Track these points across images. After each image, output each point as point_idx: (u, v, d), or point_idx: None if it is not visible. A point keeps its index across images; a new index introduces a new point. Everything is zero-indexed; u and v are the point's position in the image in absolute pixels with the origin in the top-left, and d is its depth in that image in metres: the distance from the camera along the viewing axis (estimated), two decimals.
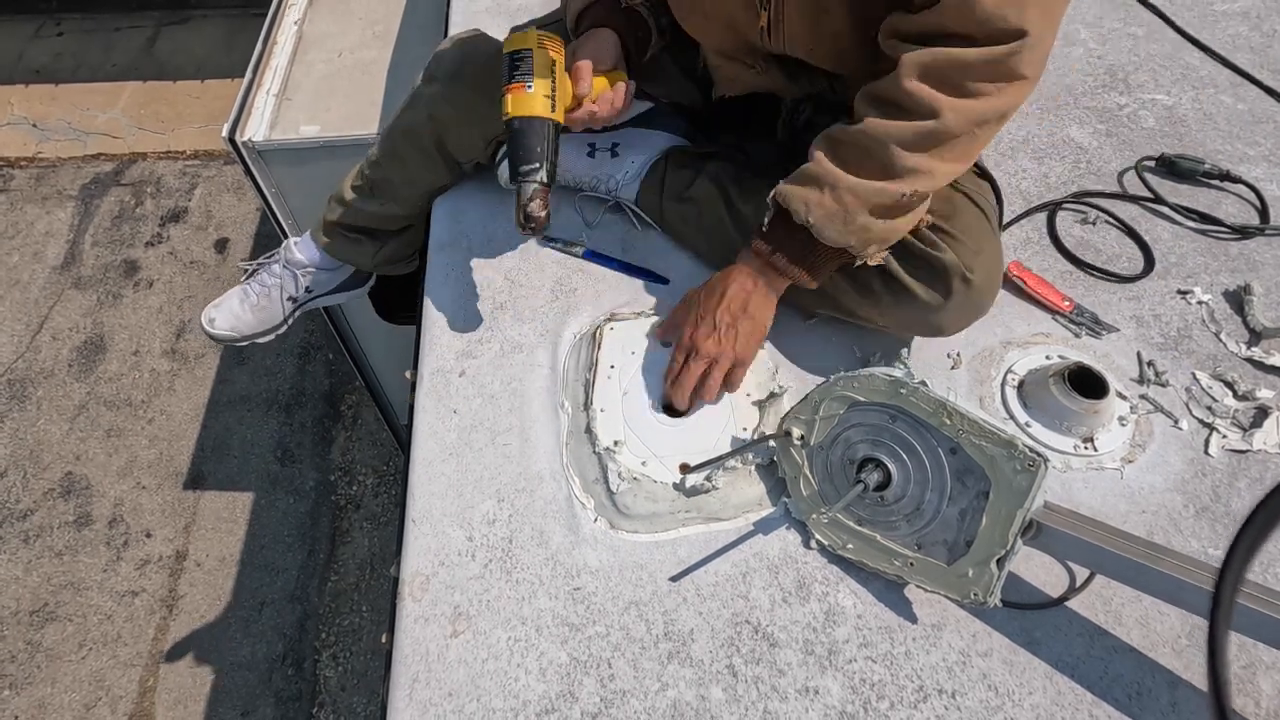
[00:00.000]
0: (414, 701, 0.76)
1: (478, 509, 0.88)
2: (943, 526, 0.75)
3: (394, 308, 2.00)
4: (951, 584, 0.74)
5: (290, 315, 1.27)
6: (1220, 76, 1.32)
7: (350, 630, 2.73)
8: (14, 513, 2.97)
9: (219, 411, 3.20)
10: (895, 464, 0.77)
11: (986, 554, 0.72)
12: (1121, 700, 0.73)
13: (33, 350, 3.38)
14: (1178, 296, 1.03)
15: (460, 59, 1.06)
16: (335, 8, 2.00)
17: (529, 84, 0.85)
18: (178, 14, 4.51)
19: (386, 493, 3.04)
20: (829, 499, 0.82)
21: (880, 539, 0.79)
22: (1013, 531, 0.71)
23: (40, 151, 4.06)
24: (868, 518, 0.80)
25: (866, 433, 0.79)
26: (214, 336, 1.24)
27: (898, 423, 0.77)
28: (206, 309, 1.24)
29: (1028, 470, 0.70)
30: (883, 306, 0.91)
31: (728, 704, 0.74)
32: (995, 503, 0.72)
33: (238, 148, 1.66)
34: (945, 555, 0.75)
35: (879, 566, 0.79)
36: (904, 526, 0.78)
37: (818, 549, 0.84)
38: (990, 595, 0.72)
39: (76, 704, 2.59)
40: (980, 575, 0.73)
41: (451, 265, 1.11)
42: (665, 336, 0.98)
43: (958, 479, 0.74)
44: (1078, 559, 0.75)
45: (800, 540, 0.84)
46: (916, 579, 0.77)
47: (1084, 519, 0.73)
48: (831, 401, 0.80)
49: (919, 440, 0.76)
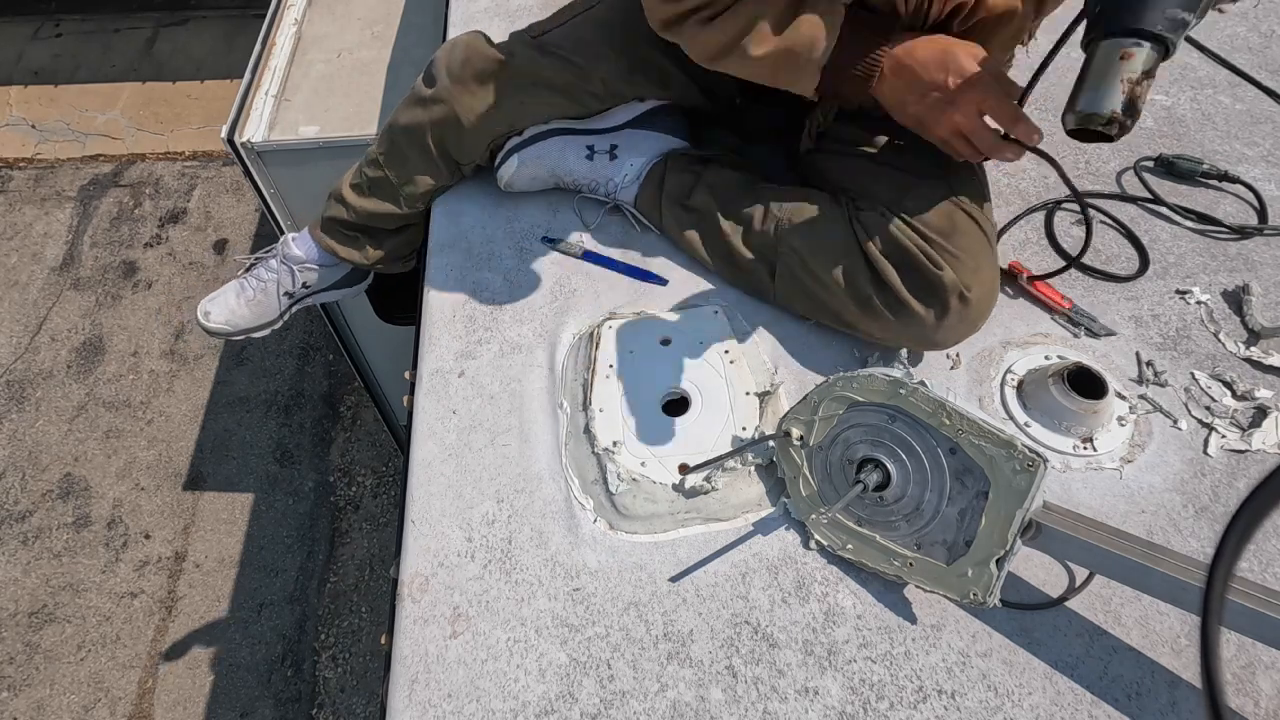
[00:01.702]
0: (413, 702, 0.76)
1: (477, 510, 0.88)
2: (942, 527, 0.75)
3: (393, 308, 2.01)
4: (951, 584, 0.75)
5: (286, 311, 1.27)
6: (1218, 77, 1.32)
7: (349, 631, 2.73)
8: (12, 514, 2.97)
9: (218, 412, 3.20)
10: (894, 464, 0.77)
11: (986, 554, 0.72)
12: (1120, 700, 0.73)
13: (31, 351, 3.38)
14: (1176, 296, 1.03)
15: (461, 63, 1.06)
16: (334, 8, 2.00)
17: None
18: (176, 15, 4.51)
19: (386, 494, 3.04)
20: (828, 499, 0.82)
21: (879, 539, 0.79)
22: (1012, 532, 0.71)
23: (39, 152, 4.06)
24: (867, 518, 0.80)
25: (866, 433, 0.79)
26: (209, 330, 1.24)
27: (897, 423, 0.77)
28: (202, 302, 1.24)
29: (1027, 470, 0.70)
30: (881, 320, 0.91)
31: (727, 705, 0.74)
32: (994, 503, 0.72)
33: (237, 148, 1.66)
34: (944, 555, 0.75)
35: (878, 567, 0.79)
36: (903, 527, 0.78)
37: (817, 549, 0.84)
38: (990, 595, 0.72)
39: (75, 705, 2.59)
40: (980, 575, 0.73)
41: (451, 266, 1.11)
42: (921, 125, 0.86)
43: (957, 479, 0.74)
44: (1077, 559, 0.75)
45: (799, 540, 0.84)
46: (916, 579, 0.77)
47: (1083, 519, 0.73)
48: (830, 402, 0.80)
49: (918, 440, 0.76)
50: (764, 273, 1.00)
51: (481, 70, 1.04)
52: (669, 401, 0.94)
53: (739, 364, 0.95)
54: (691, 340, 0.98)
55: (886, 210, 0.92)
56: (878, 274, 0.90)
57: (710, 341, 0.98)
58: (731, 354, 0.96)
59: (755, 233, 0.99)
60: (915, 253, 0.88)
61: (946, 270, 0.87)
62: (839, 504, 0.77)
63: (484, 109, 1.05)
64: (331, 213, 1.20)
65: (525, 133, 1.10)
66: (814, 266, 0.94)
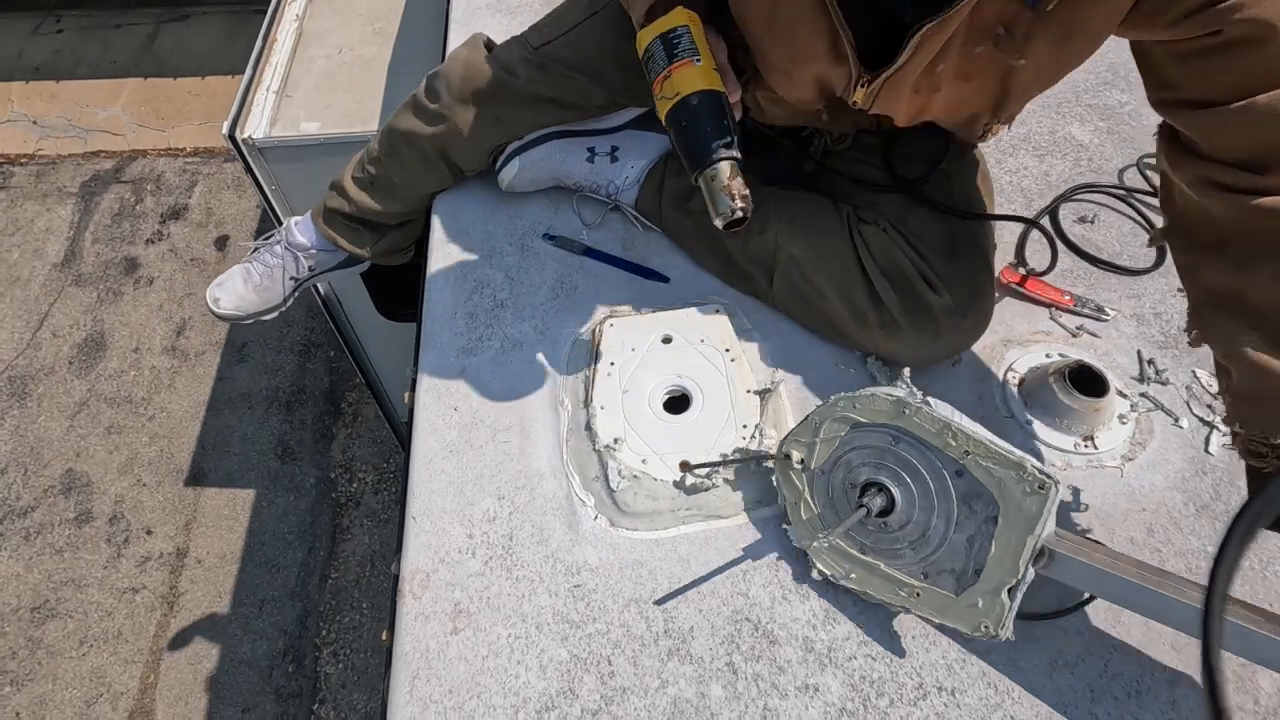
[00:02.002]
0: (414, 698, 0.76)
1: (478, 506, 0.88)
2: (950, 554, 0.72)
3: (394, 305, 2.01)
4: (960, 616, 0.72)
5: (292, 294, 1.30)
6: None
7: (351, 627, 2.74)
8: (14, 509, 2.98)
9: (219, 409, 3.21)
10: (899, 488, 0.74)
11: (996, 583, 0.69)
12: (1120, 698, 0.73)
13: (33, 347, 3.38)
14: (1178, 294, 1.03)
15: (462, 80, 1.06)
16: (336, 4, 2.00)
17: (696, 58, 0.76)
18: (178, 11, 4.50)
19: (387, 490, 3.05)
20: (830, 525, 0.78)
21: (884, 568, 0.76)
22: (1024, 559, 0.68)
23: (40, 149, 4.06)
24: (871, 545, 0.77)
25: (869, 455, 0.76)
26: (219, 315, 1.27)
27: (901, 444, 0.74)
28: (210, 288, 1.27)
29: (1038, 493, 0.67)
30: (874, 336, 0.92)
31: (728, 701, 0.74)
32: (1004, 528, 0.69)
33: (238, 145, 1.66)
34: (953, 585, 0.72)
35: (883, 597, 0.76)
36: (909, 554, 0.75)
37: (819, 579, 0.80)
38: (1002, 628, 0.69)
39: (77, 700, 2.60)
40: (991, 606, 0.70)
41: (452, 262, 1.11)
42: None
43: (964, 503, 0.71)
44: (1091, 588, 0.71)
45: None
46: (923, 611, 0.74)
47: (1098, 546, 0.71)
48: (832, 423, 0.77)
49: (923, 462, 0.73)
50: (763, 279, 1.00)
51: (482, 90, 1.04)
52: (670, 399, 0.94)
53: (740, 362, 0.95)
54: (693, 338, 0.98)
55: (889, 225, 0.93)
56: (874, 291, 0.91)
57: (711, 339, 0.98)
58: (732, 352, 0.96)
59: (755, 239, 0.99)
60: (912, 273, 0.90)
61: (943, 296, 0.88)
62: (840, 527, 0.73)
63: (486, 125, 1.06)
64: (333, 204, 1.20)
65: (526, 135, 1.10)
66: (812, 276, 0.95)
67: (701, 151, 0.74)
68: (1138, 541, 0.83)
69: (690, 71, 0.76)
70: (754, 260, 1.00)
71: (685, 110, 0.75)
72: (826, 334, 0.98)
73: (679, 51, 0.77)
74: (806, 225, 0.97)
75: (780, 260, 0.97)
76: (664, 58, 0.77)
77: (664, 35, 0.78)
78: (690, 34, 0.77)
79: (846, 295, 0.93)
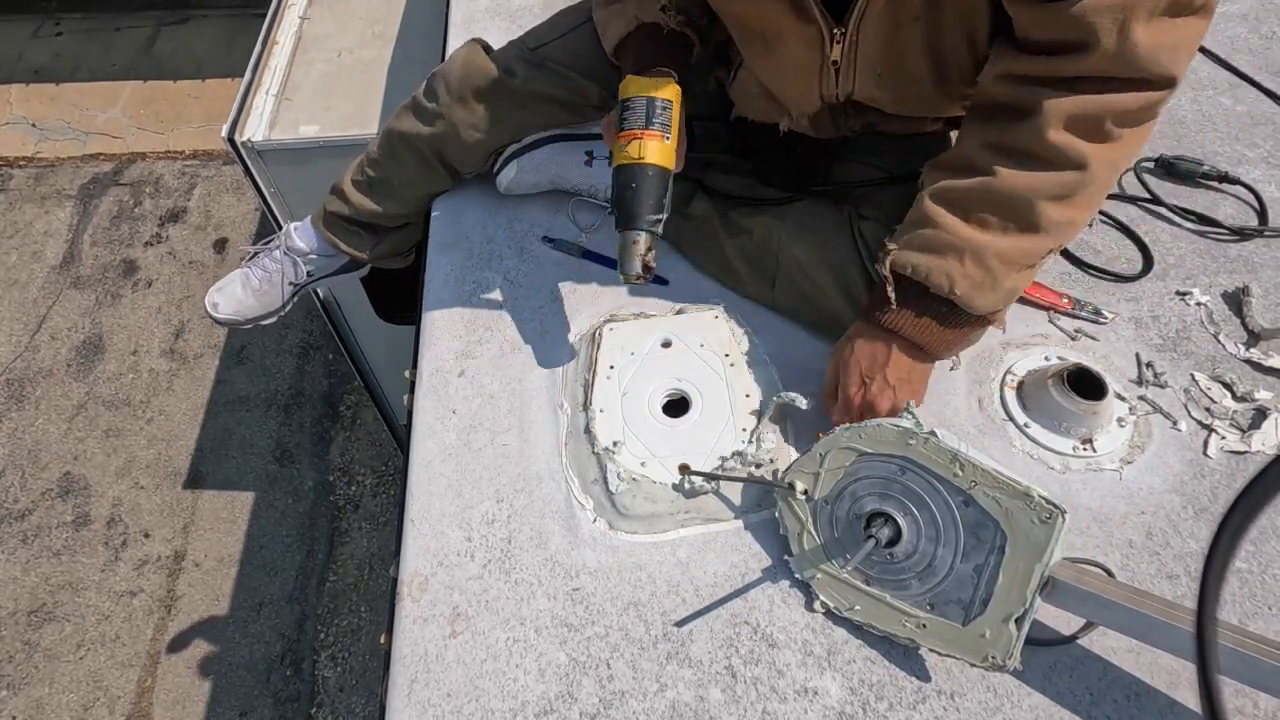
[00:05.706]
0: (413, 702, 0.76)
1: (477, 509, 0.88)
2: (956, 584, 0.72)
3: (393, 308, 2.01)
4: (968, 647, 0.71)
5: (291, 298, 1.30)
6: (1219, 78, 1.32)
7: (349, 631, 2.73)
8: (12, 512, 2.97)
9: (218, 412, 3.20)
10: (905, 518, 0.74)
11: (1004, 613, 0.69)
12: (1120, 701, 0.73)
13: (31, 350, 3.38)
14: (1176, 298, 1.03)
15: (461, 80, 1.06)
16: (335, 7, 2.00)
17: (667, 135, 0.85)
18: (177, 14, 4.51)
19: (385, 493, 3.04)
20: (834, 555, 0.78)
21: (890, 599, 0.75)
22: (1031, 588, 0.68)
23: (39, 151, 4.06)
24: (876, 576, 0.76)
25: (874, 485, 0.75)
26: (218, 320, 1.27)
27: (907, 474, 0.73)
28: (209, 293, 1.27)
29: (1045, 523, 0.67)
30: None
31: (726, 705, 0.74)
32: (1012, 558, 0.69)
33: (237, 148, 1.66)
34: (960, 615, 0.72)
35: (889, 629, 0.76)
36: (915, 585, 0.74)
37: (822, 611, 0.80)
38: (1010, 659, 0.69)
39: (74, 704, 2.59)
40: (998, 636, 0.69)
41: (451, 265, 1.11)
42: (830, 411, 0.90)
43: (971, 533, 0.71)
44: (1098, 618, 0.71)
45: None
46: (930, 642, 0.74)
47: (1106, 578, 0.71)
48: (838, 453, 0.77)
49: (929, 493, 0.73)
50: (764, 282, 1.00)
51: (481, 88, 1.05)
52: (669, 402, 0.94)
53: (739, 366, 0.95)
54: (692, 341, 0.98)
55: (890, 222, 0.93)
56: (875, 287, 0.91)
57: (710, 343, 0.98)
58: (731, 356, 0.96)
59: (755, 242, 1.00)
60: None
61: None
62: (854, 559, 0.73)
63: (484, 126, 1.07)
64: (333, 207, 1.21)
65: (523, 138, 1.10)
66: (815, 275, 0.95)
67: (635, 216, 0.84)
68: (1136, 544, 0.82)
69: (659, 145, 0.85)
70: (754, 264, 1.00)
71: (640, 175, 0.84)
72: (830, 331, 0.98)
73: (657, 122, 0.85)
74: (809, 226, 0.98)
75: (783, 262, 0.98)
76: (643, 119, 0.85)
77: (651, 100, 0.85)
78: (672, 110, 0.86)
79: (849, 291, 0.93)
